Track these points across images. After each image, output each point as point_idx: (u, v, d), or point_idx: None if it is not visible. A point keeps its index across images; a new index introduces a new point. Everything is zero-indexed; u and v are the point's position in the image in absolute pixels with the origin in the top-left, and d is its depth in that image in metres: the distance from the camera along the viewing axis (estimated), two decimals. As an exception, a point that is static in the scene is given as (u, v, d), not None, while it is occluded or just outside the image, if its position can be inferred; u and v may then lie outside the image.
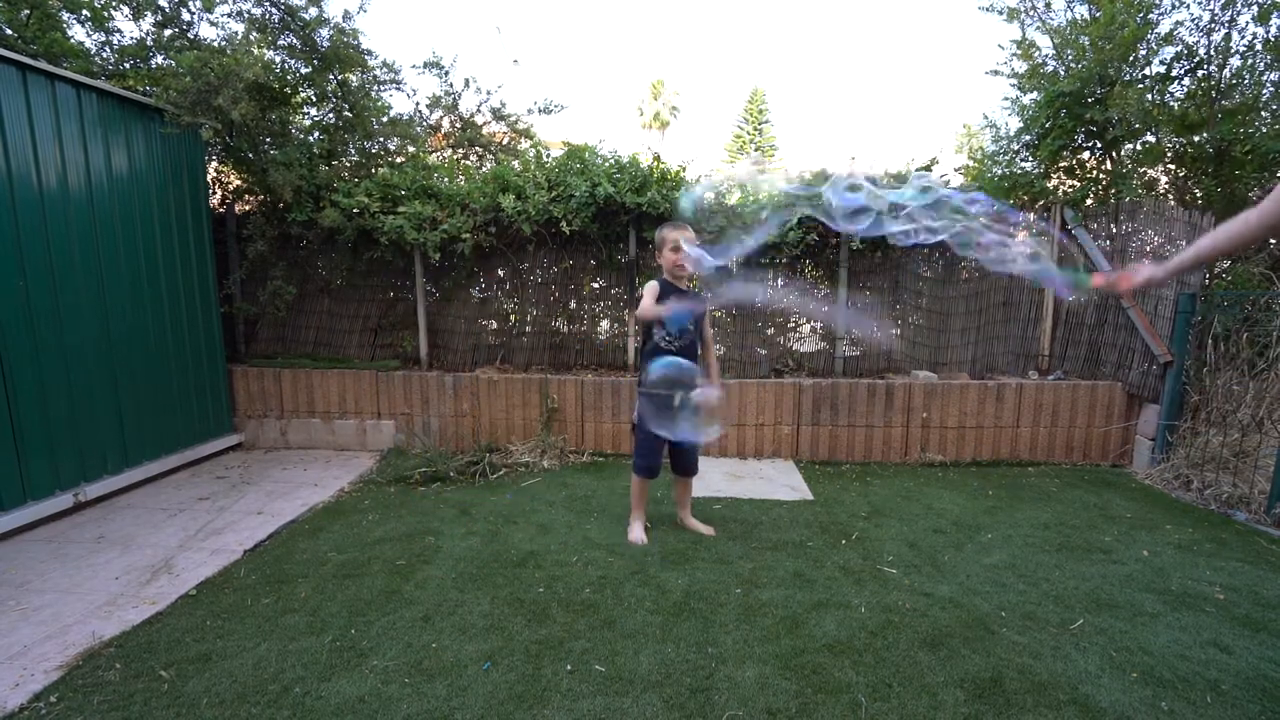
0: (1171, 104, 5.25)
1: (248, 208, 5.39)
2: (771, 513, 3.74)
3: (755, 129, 28.34)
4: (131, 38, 5.11)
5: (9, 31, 4.51)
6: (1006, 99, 6.06)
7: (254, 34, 4.80)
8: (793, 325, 5.39)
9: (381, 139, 5.70)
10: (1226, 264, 5.00)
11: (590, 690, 2.08)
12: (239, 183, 5.38)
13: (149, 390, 4.30)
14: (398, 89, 5.66)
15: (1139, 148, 5.56)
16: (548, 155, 5.69)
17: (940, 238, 2.25)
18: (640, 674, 2.16)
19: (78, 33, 5.04)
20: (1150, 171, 5.62)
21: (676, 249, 3.05)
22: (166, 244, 4.44)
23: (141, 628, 2.47)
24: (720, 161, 27.36)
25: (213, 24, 5.30)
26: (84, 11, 4.91)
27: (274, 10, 4.81)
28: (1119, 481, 4.36)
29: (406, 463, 4.55)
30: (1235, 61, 5.12)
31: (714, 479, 4.39)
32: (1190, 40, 5.16)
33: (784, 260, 5.05)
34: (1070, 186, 5.73)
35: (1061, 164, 5.76)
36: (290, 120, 5.21)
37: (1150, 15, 5.04)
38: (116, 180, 4.05)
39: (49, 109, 3.61)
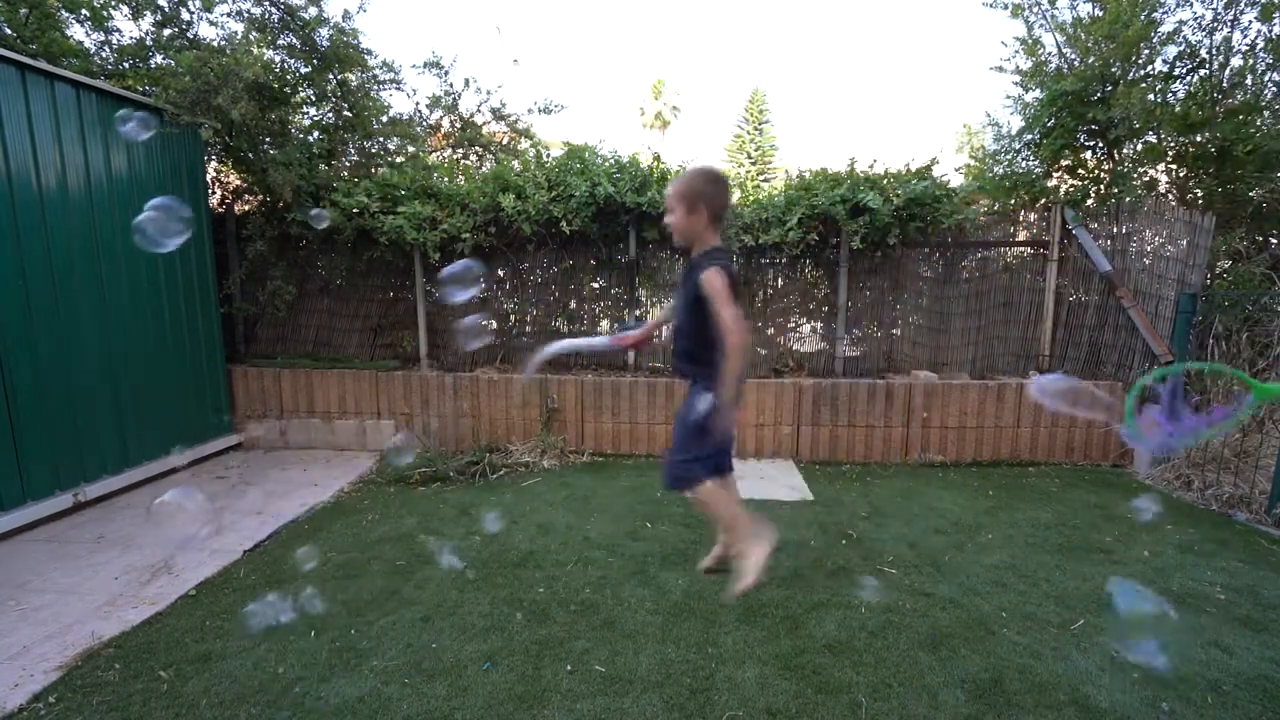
0: (1173, 103, 5.23)
1: (247, 208, 5.38)
2: (771, 513, 3.73)
3: (755, 129, 28.32)
4: (131, 37, 5.12)
5: (9, 31, 4.50)
6: (1009, 97, 6.07)
7: (253, 33, 4.80)
8: (793, 325, 5.39)
9: (381, 139, 5.70)
10: (1227, 264, 4.99)
11: (590, 690, 2.07)
12: (239, 182, 5.38)
13: (149, 390, 4.29)
14: (398, 89, 5.67)
15: (1140, 147, 5.55)
16: (548, 155, 5.68)
17: None
18: (640, 674, 2.16)
19: (77, 32, 5.04)
20: (1151, 171, 5.61)
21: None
22: (166, 244, 4.44)
23: (141, 628, 2.47)
24: (720, 161, 27.31)
25: (212, 23, 5.30)
26: (83, 11, 4.91)
27: (274, 10, 4.82)
28: (1120, 481, 4.36)
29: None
30: (1237, 61, 5.11)
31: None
32: (1193, 39, 5.15)
33: (784, 260, 5.07)
34: (1071, 186, 5.71)
35: (1063, 163, 5.75)
36: (290, 120, 5.21)
37: (1154, 14, 5.02)
38: (116, 180, 4.04)
39: (48, 109, 3.61)
